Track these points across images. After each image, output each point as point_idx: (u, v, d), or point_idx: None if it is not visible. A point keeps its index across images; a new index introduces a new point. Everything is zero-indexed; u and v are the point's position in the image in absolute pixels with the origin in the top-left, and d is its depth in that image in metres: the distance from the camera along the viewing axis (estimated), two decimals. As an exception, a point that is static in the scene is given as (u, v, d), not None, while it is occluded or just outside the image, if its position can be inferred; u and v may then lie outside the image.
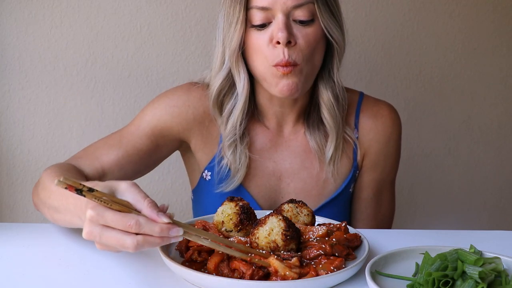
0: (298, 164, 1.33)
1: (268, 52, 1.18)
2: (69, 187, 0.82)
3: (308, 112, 1.33)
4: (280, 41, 1.16)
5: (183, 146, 1.36)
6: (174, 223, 0.86)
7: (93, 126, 1.84)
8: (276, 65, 1.17)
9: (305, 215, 1.06)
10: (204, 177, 1.35)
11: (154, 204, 0.86)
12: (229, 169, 1.30)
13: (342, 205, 1.35)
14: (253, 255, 0.91)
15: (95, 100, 1.83)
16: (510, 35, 1.98)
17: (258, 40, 1.19)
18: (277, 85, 1.19)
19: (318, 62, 1.24)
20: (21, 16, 1.76)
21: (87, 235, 0.85)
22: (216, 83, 1.27)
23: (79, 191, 0.83)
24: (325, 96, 1.28)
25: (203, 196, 1.37)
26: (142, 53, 1.82)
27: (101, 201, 0.84)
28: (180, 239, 0.86)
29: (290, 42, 1.16)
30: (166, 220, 0.84)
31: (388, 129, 1.36)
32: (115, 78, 1.82)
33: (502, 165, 2.07)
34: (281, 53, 1.17)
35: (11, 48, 1.77)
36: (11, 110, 1.81)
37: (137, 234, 0.84)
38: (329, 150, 1.30)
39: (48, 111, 1.82)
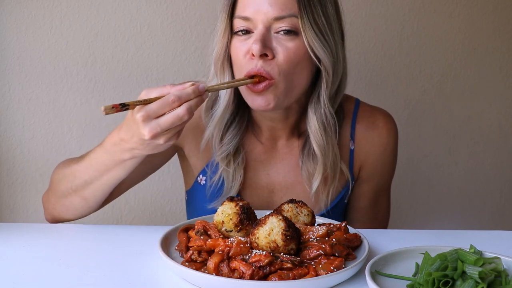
0: (291, 178, 1.31)
1: (243, 62, 1.16)
2: (115, 106, 0.97)
3: (306, 136, 1.28)
4: (254, 53, 1.12)
5: (179, 152, 1.36)
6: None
7: (93, 126, 1.84)
8: (247, 75, 1.14)
9: (305, 215, 1.07)
10: (199, 181, 1.34)
11: (172, 84, 1.02)
12: (222, 184, 1.29)
13: (336, 216, 1.33)
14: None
15: (95, 100, 1.83)
16: (510, 35, 1.98)
17: (237, 50, 1.17)
18: (250, 97, 1.17)
19: (302, 81, 1.19)
20: (21, 16, 1.76)
21: (149, 134, 0.99)
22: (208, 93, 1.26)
23: (123, 105, 0.98)
24: (312, 124, 1.23)
25: (197, 199, 1.36)
26: (142, 53, 1.82)
27: (140, 103, 1.00)
28: (208, 94, 1.03)
29: (266, 55, 1.13)
30: (189, 83, 1.00)
31: (384, 140, 1.34)
32: (115, 78, 1.82)
33: (502, 165, 2.07)
34: (254, 65, 1.14)
35: (11, 48, 1.77)
36: (11, 110, 1.81)
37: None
38: (316, 181, 1.25)
39: (48, 111, 1.82)
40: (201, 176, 1.33)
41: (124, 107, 0.98)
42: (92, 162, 1.14)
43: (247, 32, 1.16)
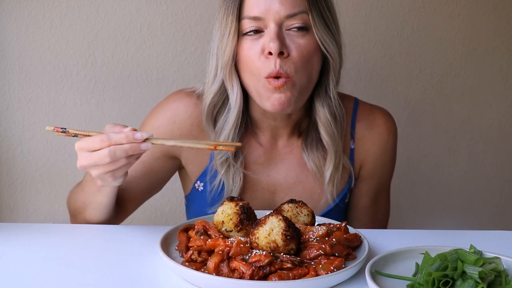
0: (292, 178, 1.31)
1: (259, 63, 1.15)
2: (56, 128, 1.03)
3: (306, 131, 1.30)
4: (272, 52, 1.12)
5: (177, 161, 1.36)
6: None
7: (93, 126, 1.83)
8: (267, 77, 1.14)
9: (305, 215, 1.07)
10: (197, 187, 1.34)
11: (125, 125, 1.04)
12: (222, 187, 1.28)
13: (337, 215, 1.33)
14: (218, 145, 1.05)
15: (95, 100, 1.83)
16: (510, 35, 1.98)
17: (250, 51, 1.16)
18: (269, 99, 1.16)
19: (314, 76, 1.20)
20: (21, 16, 1.76)
21: (78, 163, 1.03)
22: (209, 96, 1.24)
23: (64, 129, 1.04)
24: (322, 114, 1.25)
25: (195, 205, 1.37)
26: (142, 53, 1.82)
27: (82, 135, 1.04)
28: (148, 145, 1.01)
29: (282, 53, 1.13)
30: (129, 128, 1.02)
31: (384, 138, 1.34)
32: (115, 78, 1.82)
33: (502, 165, 2.07)
34: (272, 64, 1.13)
35: (11, 48, 1.77)
36: (11, 110, 1.81)
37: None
38: (328, 170, 1.27)
39: (48, 111, 1.82)
40: (198, 182, 1.33)
41: (63, 130, 1.04)
42: (84, 187, 1.20)
43: (256, 31, 1.16)
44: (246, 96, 1.26)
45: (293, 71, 1.15)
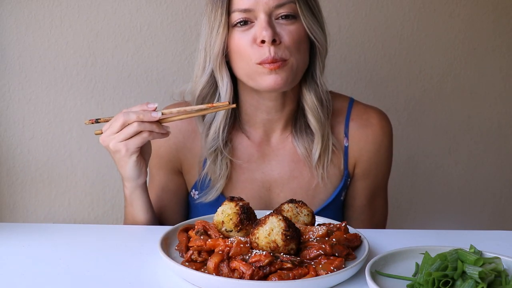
0: (287, 173, 1.32)
1: (252, 51, 1.18)
2: (91, 120, 1.20)
3: (295, 118, 1.32)
4: (266, 39, 1.16)
5: (182, 175, 1.38)
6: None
7: (93, 126, 1.83)
8: (261, 63, 1.18)
9: (305, 215, 1.07)
10: (193, 195, 1.36)
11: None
12: (210, 178, 1.31)
13: (333, 213, 1.34)
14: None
15: (95, 100, 1.83)
16: (510, 35, 1.98)
17: (241, 41, 1.19)
18: (264, 80, 1.19)
19: (305, 61, 1.24)
20: (21, 16, 1.76)
21: (100, 139, 1.15)
22: (198, 88, 1.27)
23: (97, 120, 1.19)
24: (309, 99, 1.28)
25: (192, 212, 1.39)
26: (142, 53, 1.82)
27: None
28: (158, 114, 1.11)
29: (275, 41, 1.17)
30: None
31: (378, 137, 1.35)
32: (115, 78, 1.82)
33: (502, 165, 2.07)
34: (266, 52, 1.17)
35: (11, 48, 1.77)
36: (11, 110, 1.80)
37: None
38: (316, 152, 1.30)
39: (48, 111, 1.82)
40: (193, 190, 1.36)
41: (97, 120, 1.21)
42: (125, 212, 1.26)
43: (246, 23, 1.19)
44: (236, 91, 1.28)
45: (288, 55, 1.18)
